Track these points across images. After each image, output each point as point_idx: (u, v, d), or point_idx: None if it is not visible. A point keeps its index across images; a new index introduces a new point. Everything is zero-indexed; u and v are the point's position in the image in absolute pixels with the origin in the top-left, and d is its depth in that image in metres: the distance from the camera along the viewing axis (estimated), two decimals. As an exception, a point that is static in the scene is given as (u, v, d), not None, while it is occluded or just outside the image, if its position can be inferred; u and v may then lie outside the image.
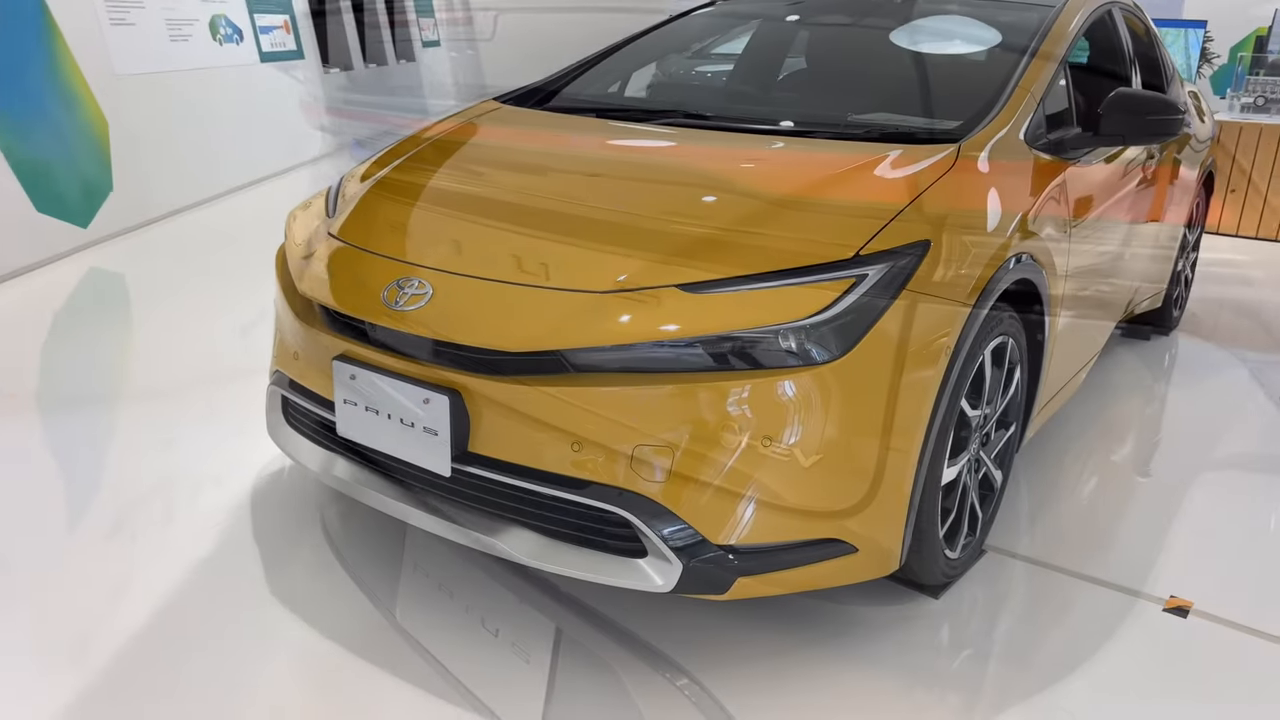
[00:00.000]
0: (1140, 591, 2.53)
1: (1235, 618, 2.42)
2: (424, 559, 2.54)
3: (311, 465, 2.41)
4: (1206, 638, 2.35)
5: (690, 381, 1.92)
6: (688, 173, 2.51)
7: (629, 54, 3.52)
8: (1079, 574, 2.60)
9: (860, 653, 2.23)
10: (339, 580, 2.45)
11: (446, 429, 2.04)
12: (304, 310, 2.38)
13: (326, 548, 2.59)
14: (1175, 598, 2.50)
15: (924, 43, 3.27)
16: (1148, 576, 2.60)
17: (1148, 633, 2.35)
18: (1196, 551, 2.74)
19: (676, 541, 1.95)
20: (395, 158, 2.80)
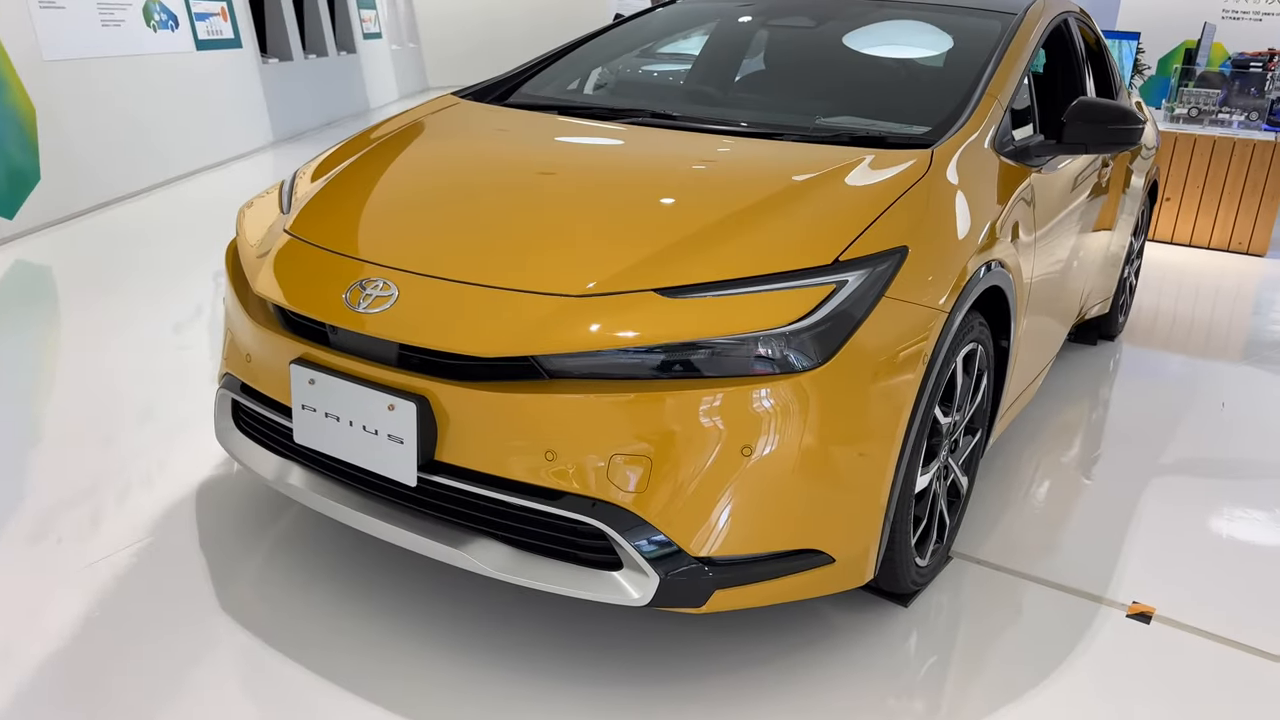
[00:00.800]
0: (1103, 597, 2.55)
1: (1197, 623, 2.45)
2: (380, 569, 2.44)
3: (264, 473, 2.31)
4: (1171, 644, 2.37)
5: (668, 389, 1.86)
6: (661, 173, 2.46)
7: (590, 51, 3.45)
8: (1042, 580, 2.60)
9: (837, 661, 2.20)
10: (287, 590, 2.35)
11: (413, 437, 1.96)
12: (258, 310, 2.28)
13: (274, 556, 2.49)
14: (1137, 603, 2.52)
15: (887, 47, 3.26)
16: (1108, 581, 2.62)
17: (1115, 640, 2.36)
18: (1152, 556, 2.77)
19: (653, 553, 1.90)
20: (353, 152, 2.70)
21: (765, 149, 2.55)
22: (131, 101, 6.94)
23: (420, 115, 2.95)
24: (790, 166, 2.39)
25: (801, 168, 2.37)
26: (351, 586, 2.38)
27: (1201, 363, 4.65)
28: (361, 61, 12.22)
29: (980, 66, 2.87)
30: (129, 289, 4.80)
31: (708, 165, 2.48)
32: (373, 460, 2.03)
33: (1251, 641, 2.39)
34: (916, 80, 3.08)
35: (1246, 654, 2.35)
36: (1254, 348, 4.92)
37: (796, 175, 2.32)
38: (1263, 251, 7.12)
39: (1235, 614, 2.51)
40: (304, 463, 2.27)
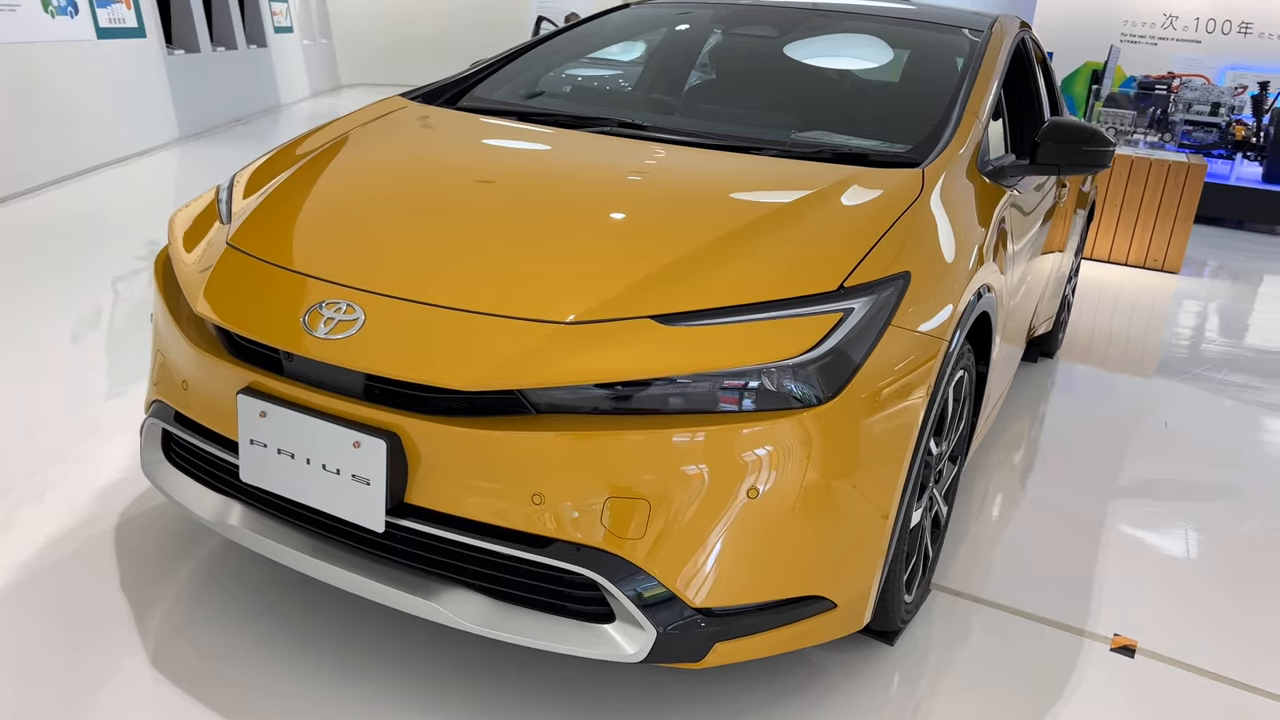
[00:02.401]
0: (1084, 630, 2.49)
1: (1180, 656, 2.41)
2: (321, 609, 2.22)
3: (200, 512, 2.07)
4: (1160, 680, 2.32)
5: (668, 426, 1.71)
6: (644, 189, 2.30)
7: (543, 55, 3.28)
8: (1021, 611, 2.53)
9: (831, 708, 2.08)
10: (216, 634, 2.11)
11: (381, 477, 1.76)
12: (196, 332, 2.04)
13: (200, 594, 2.24)
14: (1120, 636, 2.47)
15: (856, 60, 3.18)
16: (1086, 612, 2.57)
17: (1105, 677, 2.30)
18: (1123, 584, 2.73)
19: (650, 605, 1.74)
20: (297, 157, 2.48)
21: (748, 164, 2.42)
22: (26, 92, 6.45)
23: (369, 118, 2.73)
24: (779, 184, 2.27)
25: (791, 185, 2.25)
26: (290, 629, 2.16)
27: (1139, 381, 4.71)
28: (272, 56, 11.73)
29: (956, 84, 2.80)
30: (18, 296, 4.41)
31: (692, 181, 2.34)
32: (334, 503, 1.83)
33: (1239, 676, 2.36)
34: (890, 95, 3.00)
35: (1237, 689, 2.31)
36: (1185, 364, 5.01)
37: (788, 193, 2.19)
38: (1177, 269, 7.33)
39: (1212, 646, 2.48)
40: (249, 501, 2.04)
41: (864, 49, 3.17)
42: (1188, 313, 6.36)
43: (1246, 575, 2.90)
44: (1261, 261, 8.51)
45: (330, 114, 12.63)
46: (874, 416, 1.84)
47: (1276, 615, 2.68)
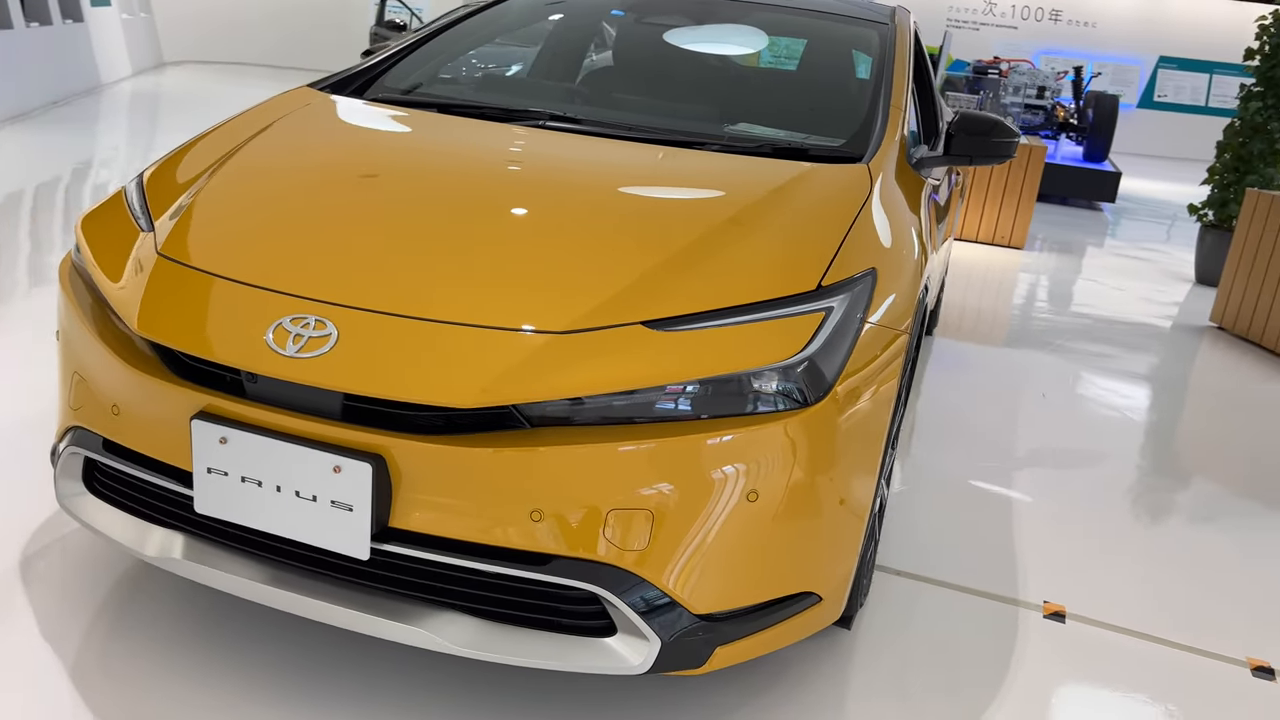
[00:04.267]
0: (1017, 599, 2.62)
1: (1106, 619, 2.57)
2: (260, 636, 2.09)
3: (135, 546, 1.90)
4: (1093, 642, 2.47)
5: (668, 434, 1.69)
6: (608, 188, 2.24)
7: (451, 41, 3.15)
8: (955, 585, 2.65)
9: (803, 698, 2.11)
10: (141, 667, 1.95)
11: (366, 502, 1.66)
12: (129, 351, 1.86)
13: (120, 621, 2.06)
14: (1049, 603, 2.62)
15: (772, 52, 3.20)
16: (1014, 581, 2.71)
17: (1043, 642, 2.43)
18: (1042, 552, 2.89)
19: (653, 615, 1.72)
20: (212, 155, 2.28)
21: (697, 161, 2.40)
22: None
23: (283, 112, 2.54)
24: (735, 182, 2.26)
25: (747, 183, 2.25)
26: (221, 661, 2.01)
27: (1010, 353, 4.99)
28: (90, 31, 10.85)
29: (875, 77, 2.86)
30: None
31: (653, 179, 2.30)
32: (310, 532, 1.71)
33: (1162, 634, 2.54)
34: (811, 87, 3.04)
35: (1163, 647, 2.49)
36: (1047, 336, 5.34)
37: (747, 192, 2.19)
38: (1022, 244, 7.81)
39: (1131, 605, 2.66)
40: (197, 532, 1.89)
41: (777, 40, 3.20)
42: (1039, 286, 6.79)
43: (1144, 534, 3.13)
44: (1086, 235, 9.18)
45: (155, 94, 11.83)
46: (857, 411, 1.87)
47: (1179, 572, 2.90)
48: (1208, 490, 3.55)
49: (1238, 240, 5.81)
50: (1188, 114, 18.43)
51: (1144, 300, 6.57)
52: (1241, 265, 5.73)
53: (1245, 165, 6.87)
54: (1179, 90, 18.52)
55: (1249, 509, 3.42)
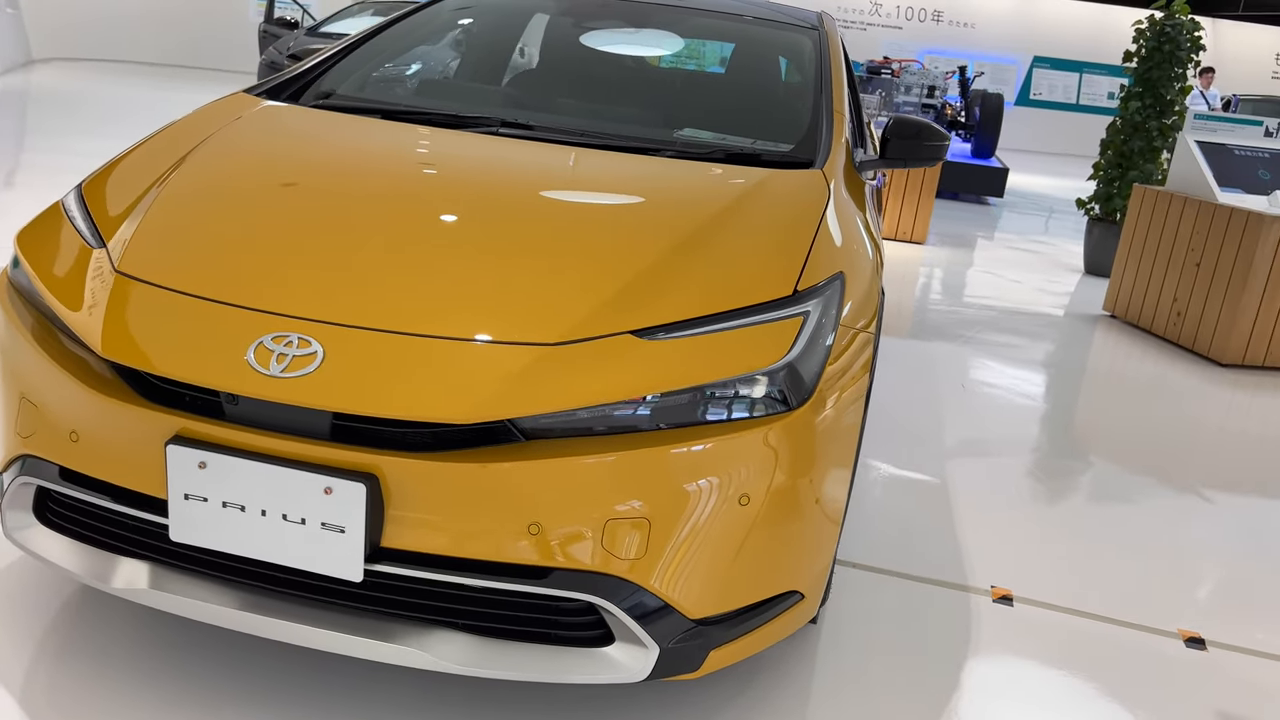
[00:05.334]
0: (967, 585, 2.73)
1: (1050, 599, 2.70)
2: (224, 665, 2.02)
3: (96, 578, 1.82)
4: (1039, 622, 2.59)
5: (664, 442, 1.70)
6: (577, 197, 2.23)
7: (389, 43, 3.08)
8: (911, 576, 2.74)
9: (783, 695, 2.15)
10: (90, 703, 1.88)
11: (359, 523, 1.62)
12: (88, 373, 1.77)
13: (66, 652, 1.97)
14: (996, 587, 2.73)
15: (708, 58, 3.24)
16: (962, 568, 2.81)
17: (996, 626, 2.54)
18: (980, 538, 3.01)
19: (652, 622, 1.73)
20: (158, 167, 2.18)
21: (659, 168, 2.41)
22: None
23: (226, 119, 2.45)
24: (700, 188, 2.29)
25: (710, 190, 2.28)
26: (181, 691, 1.94)
27: (923, 345, 5.16)
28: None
29: (815, 82, 2.93)
30: None
31: (620, 187, 2.30)
32: (299, 556, 1.66)
33: (1099, 611, 2.68)
34: (753, 93, 3.08)
35: (1102, 624, 2.62)
36: (956, 328, 5.55)
37: (712, 199, 2.22)
38: (923, 240, 8.09)
39: (1071, 585, 2.80)
40: (166, 560, 1.81)
41: (714, 45, 3.24)
42: (943, 280, 7.04)
43: (1072, 515, 3.29)
44: (978, 229, 9.57)
45: (25, 93, 11.19)
46: (835, 412, 1.92)
47: (1106, 549, 3.06)
48: (1122, 470, 3.75)
49: (1126, 233, 6.14)
50: (1061, 111, 19.37)
51: (1040, 291, 6.88)
52: (1130, 257, 6.06)
53: (1127, 161, 7.26)
54: (1053, 89, 19.44)
55: (1159, 486, 3.63)
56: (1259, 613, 2.81)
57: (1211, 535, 3.29)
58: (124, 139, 2.72)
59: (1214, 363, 5.36)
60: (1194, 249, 5.54)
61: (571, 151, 2.45)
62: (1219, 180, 5.59)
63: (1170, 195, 5.78)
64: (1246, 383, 5.13)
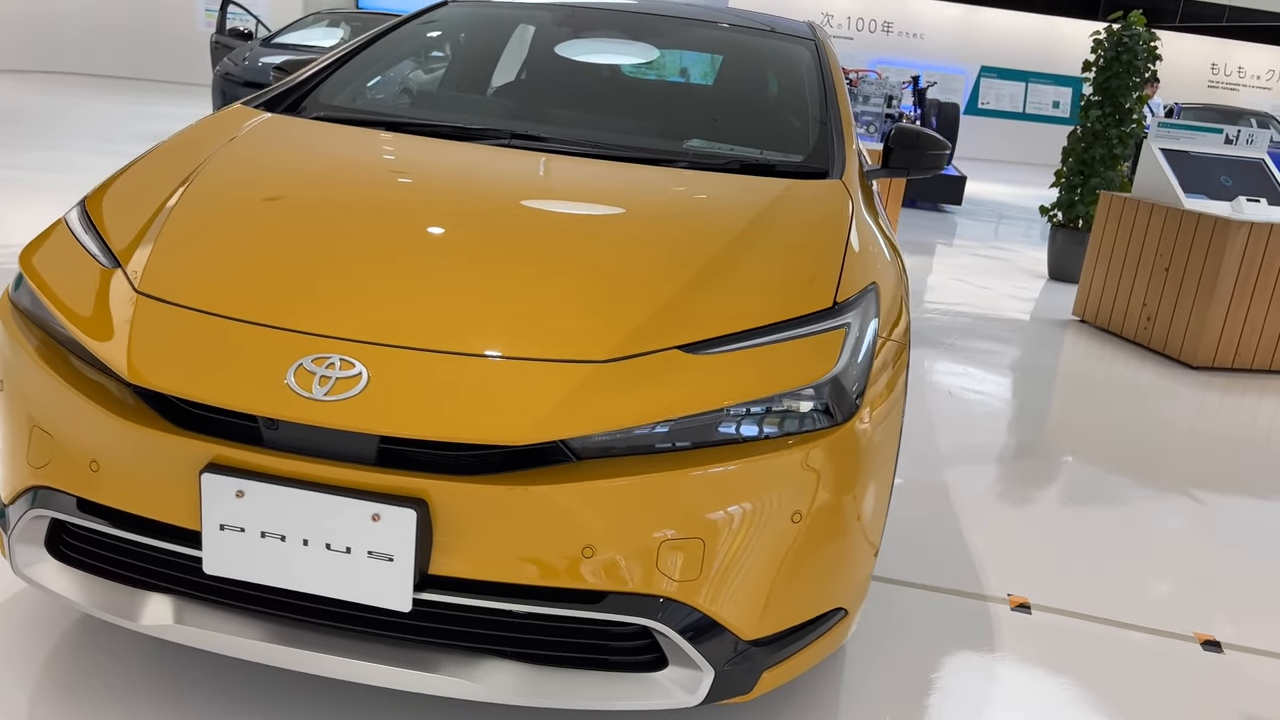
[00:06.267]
0: (983, 594, 2.72)
1: (1063, 605, 2.71)
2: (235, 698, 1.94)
3: (120, 614, 1.73)
4: (1058, 630, 2.59)
5: (718, 460, 1.66)
6: (606, 211, 2.19)
7: (384, 53, 3.01)
8: (927, 586, 2.73)
9: (815, 707, 2.12)
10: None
11: (409, 551, 1.56)
12: (112, 399, 1.68)
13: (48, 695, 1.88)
14: (1013, 595, 2.73)
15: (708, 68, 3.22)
16: (977, 577, 2.81)
17: (1017, 634, 2.53)
18: (991, 545, 3.02)
19: (707, 645, 1.69)
20: (167, 183, 2.09)
21: (679, 178, 2.37)
22: None
23: (230, 132, 2.36)
24: (727, 200, 2.26)
25: (736, 201, 2.25)
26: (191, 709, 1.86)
27: (906, 354, 5.18)
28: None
29: (818, 91, 2.92)
30: None
31: (646, 200, 2.26)
32: (344, 587, 1.60)
33: (1115, 616, 2.69)
34: (757, 103, 3.06)
35: (1120, 629, 2.64)
36: (935, 335, 5.59)
37: (741, 210, 2.19)
38: (890, 247, 8.14)
39: (1085, 590, 2.82)
40: (195, 594, 1.73)
41: (714, 56, 3.22)
42: (915, 288, 7.09)
43: (1075, 519, 3.31)
44: (940, 236, 9.69)
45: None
46: (878, 423, 1.89)
47: (1114, 553, 3.08)
48: (1113, 473, 3.79)
49: (1094, 239, 6.25)
50: (1009, 119, 19.74)
51: (1010, 297, 6.97)
52: (1099, 262, 6.16)
53: (1088, 169, 7.40)
54: (1000, 98, 19.80)
55: (1151, 488, 3.68)
56: (1269, 614, 2.85)
57: (1209, 537, 3.33)
58: (64, 151, 2.62)
59: (1185, 365, 5.46)
60: (1162, 254, 5.65)
61: (587, 163, 2.41)
62: (1184, 186, 5.71)
63: (1138, 202, 5.89)
64: (1218, 385, 5.24)
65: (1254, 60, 21.87)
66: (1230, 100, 21.02)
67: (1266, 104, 20.65)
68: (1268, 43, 21.71)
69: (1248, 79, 21.82)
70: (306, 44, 10.67)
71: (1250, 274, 5.29)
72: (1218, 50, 21.51)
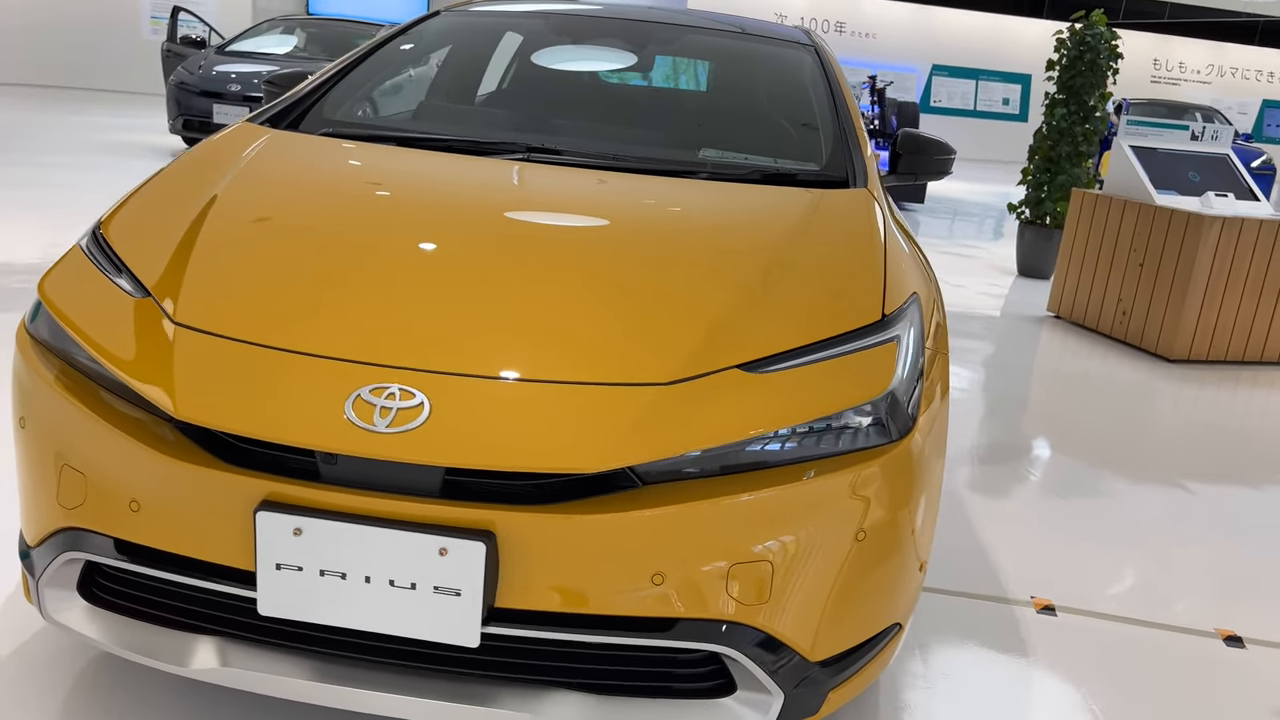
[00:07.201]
0: (1008, 598, 2.73)
1: (1086, 605, 2.72)
2: None
3: (169, 660, 1.66)
4: (1084, 631, 2.61)
5: (782, 480, 1.63)
6: (642, 226, 2.15)
7: (382, 67, 2.94)
8: (951, 591, 2.73)
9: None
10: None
11: (477, 585, 1.51)
12: (153, 436, 1.61)
13: None
14: (1037, 598, 2.74)
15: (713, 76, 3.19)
16: (999, 580, 2.82)
17: (1045, 637, 2.54)
18: (1008, 546, 3.03)
19: (777, 669, 1.66)
20: (182, 205, 2.02)
21: (710, 192, 2.34)
22: None
23: (242, 151, 2.29)
24: (759, 213, 2.23)
25: (772, 214, 2.23)
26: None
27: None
28: None
29: (827, 98, 2.90)
30: None
31: (679, 214, 2.23)
32: (409, 624, 1.54)
33: (1139, 615, 2.71)
34: (764, 110, 3.04)
35: (1145, 628, 2.66)
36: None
37: (778, 223, 2.16)
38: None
39: (1104, 590, 2.84)
40: (244, 635, 1.67)
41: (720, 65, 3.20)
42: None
43: (1084, 518, 3.34)
44: (909, 235, 9.76)
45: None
46: (932, 436, 1.88)
47: (1125, 551, 3.11)
48: (1112, 467, 3.84)
49: (1067, 236, 6.33)
50: (960, 117, 20.01)
51: (983, 295, 7.05)
52: (1073, 259, 6.25)
53: (1055, 166, 7.51)
54: (951, 96, 20.08)
55: (1153, 483, 3.72)
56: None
57: (1212, 530, 3.38)
58: (33, 167, 2.52)
59: (1163, 359, 5.56)
60: (1136, 249, 5.75)
61: (610, 177, 2.36)
62: (1154, 183, 5.82)
63: (1110, 199, 5.98)
64: (1196, 377, 5.34)
65: (1194, 56, 22.44)
66: (1172, 95, 21.55)
67: (1206, 98, 21.21)
68: (1207, 38, 22.30)
69: (1188, 74, 22.38)
70: (263, 51, 10.47)
71: (1223, 267, 5.40)
72: (1159, 46, 22.03)
